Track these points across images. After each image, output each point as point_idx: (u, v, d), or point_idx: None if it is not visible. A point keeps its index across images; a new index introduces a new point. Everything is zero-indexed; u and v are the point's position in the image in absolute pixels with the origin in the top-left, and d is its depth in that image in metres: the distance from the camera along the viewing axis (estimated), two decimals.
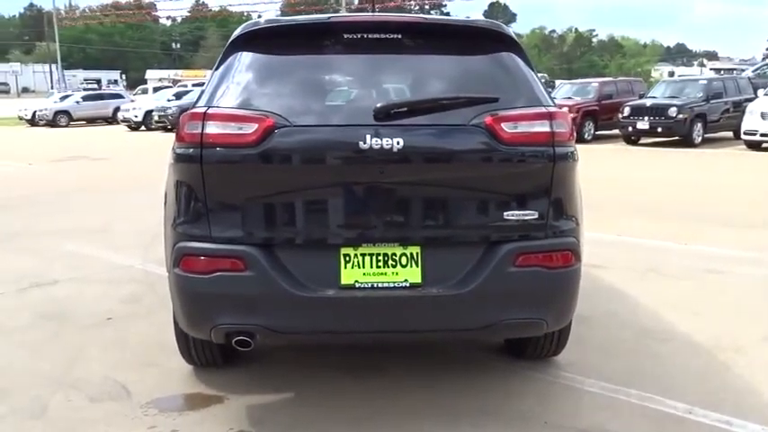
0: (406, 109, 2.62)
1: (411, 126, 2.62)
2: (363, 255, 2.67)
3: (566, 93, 18.27)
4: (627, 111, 15.65)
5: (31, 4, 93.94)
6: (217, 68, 2.86)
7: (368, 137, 2.56)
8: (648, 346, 3.76)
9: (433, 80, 2.82)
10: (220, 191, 2.65)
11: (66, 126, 26.56)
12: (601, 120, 17.02)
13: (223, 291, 2.63)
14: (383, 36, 2.81)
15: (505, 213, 2.68)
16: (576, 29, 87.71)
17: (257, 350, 2.83)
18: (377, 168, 2.58)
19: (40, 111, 27.59)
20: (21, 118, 28.47)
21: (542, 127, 2.69)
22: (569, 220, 2.81)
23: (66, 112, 27.35)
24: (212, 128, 2.61)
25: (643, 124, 15.24)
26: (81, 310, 4.43)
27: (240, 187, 2.64)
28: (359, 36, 2.80)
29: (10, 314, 4.40)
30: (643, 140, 15.96)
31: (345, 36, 2.80)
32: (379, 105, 2.59)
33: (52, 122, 26.61)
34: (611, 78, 20.78)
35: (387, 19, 2.98)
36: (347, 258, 2.67)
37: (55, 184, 10.66)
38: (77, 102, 28.21)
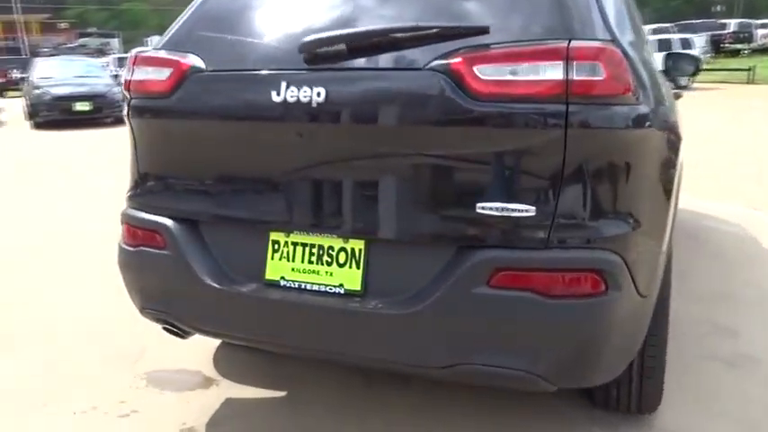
0: (342, 46, 1.84)
1: (341, 70, 1.85)
2: (295, 244, 2.02)
3: None
4: None
5: None
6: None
7: (283, 86, 1.87)
8: None
9: (412, 6, 1.95)
10: (146, 150, 2.22)
11: None
12: None
13: (143, 268, 2.23)
14: None
15: (479, 205, 1.76)
16: None
17: None
18: (294, 130, 1.89)
19: None
20: None
21: (548, 72, 1.68)
22: (607, 223, 1.77)
23: None
24: (136, 73, 2.18)
25: None
26: None
27: (161, 147, 2.18)
28: None
29: None
30: None
31: None
32: (305, 41, 1.87)
33: None
34: None
35: None
36: (276, 246, 2.04)
37: None
38: None
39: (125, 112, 2.25)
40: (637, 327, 1.93)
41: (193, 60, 2.05)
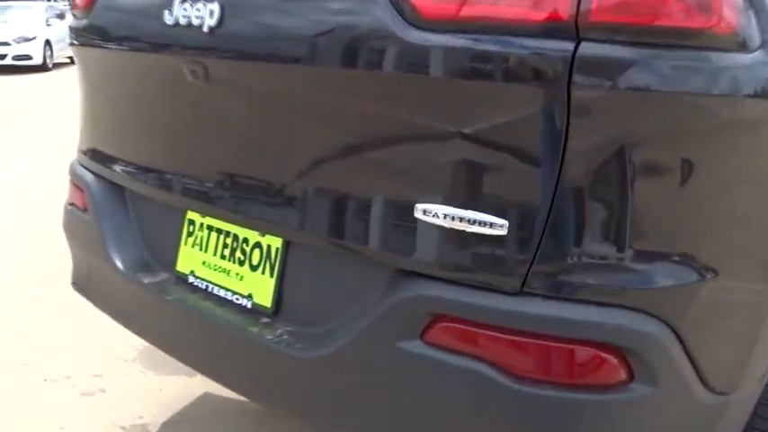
0: None
1: None
2: (210, 229, 1.46)
3: None
4: None
5: None
6: None
7: (176, 2, 1.29)
8: None
9: None
10: (80, 86, 1.76)
11: None
12: None
13: (71, 232, 1.81)
14: None
15: (419, 206, 1.06)
16: None
17: None
18: (188, 66, 1.30)
19: None
20: None
21: None
22: (645, 264, 0.98)
23: None
24: None
25: None
26: None
27: (88, 81, 1.71)
28: None
29: None
30: None
31: None
32: None
33: None
34: None
35: None
36: (191, 228, 1.50)
37: None
38: None
39: None
40: None
41: None
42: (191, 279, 1.47)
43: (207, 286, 1.44)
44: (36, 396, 2.24)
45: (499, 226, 0.99)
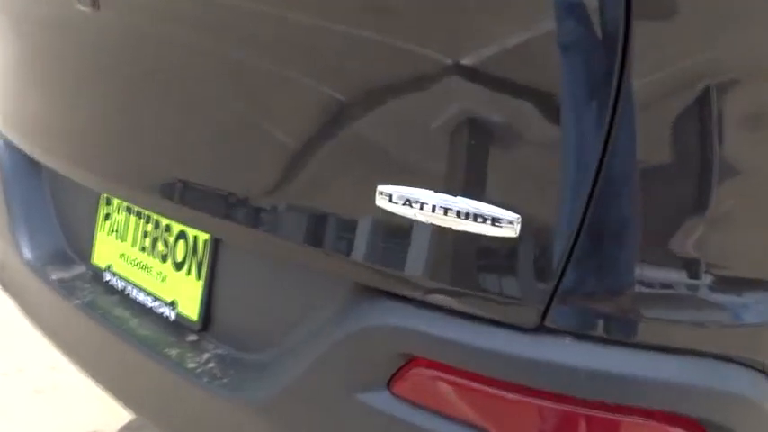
0: None
1: None
2: (129, 211, 1.10)
3: None
4: None
5: None
6: None
7: None
8: None
9: None
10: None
11: None
12: None
13: None
14: None
15: (381, 188, 0.68)
16: None
17: None
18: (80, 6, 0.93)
19: None
20: None
21: None
22: (732, 288, 0.61)
23: None
24: None
25: None
26: None
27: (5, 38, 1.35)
28: None
29: None
30: None
31: None
32: None
33: None
34: None
35: None
36: (107, 210, 1.15)
37: None
38: None
39: None
40: None
41: None
42: (107, 276, 1.13)
43: (125, 287, 1.09)
44: None
45: (507, 222, 0.62)
